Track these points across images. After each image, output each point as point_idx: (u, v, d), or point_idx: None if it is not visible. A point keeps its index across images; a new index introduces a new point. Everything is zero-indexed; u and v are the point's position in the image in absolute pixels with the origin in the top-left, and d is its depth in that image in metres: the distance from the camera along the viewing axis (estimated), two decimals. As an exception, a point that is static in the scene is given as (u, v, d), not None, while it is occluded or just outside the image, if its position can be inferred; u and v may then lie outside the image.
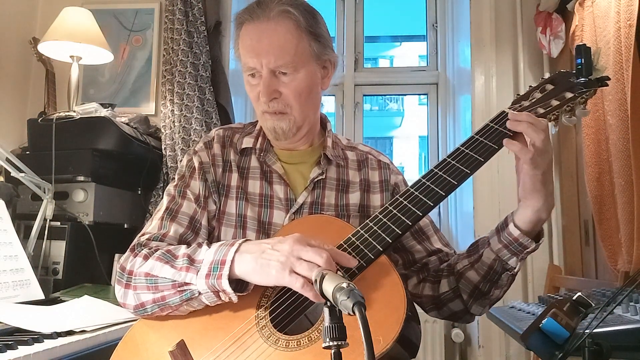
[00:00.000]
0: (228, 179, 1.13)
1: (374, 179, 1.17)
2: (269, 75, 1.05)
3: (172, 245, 1.03)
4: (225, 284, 0.88)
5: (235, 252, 0.90)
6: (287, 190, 1.11)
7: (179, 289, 0.93)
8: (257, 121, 1.20)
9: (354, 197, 1.14)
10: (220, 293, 0.90)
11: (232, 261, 0.89)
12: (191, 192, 1.10)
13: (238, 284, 0.91)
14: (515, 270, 1.03)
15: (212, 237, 1.10)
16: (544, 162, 0.92)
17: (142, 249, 1.00)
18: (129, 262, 1.00)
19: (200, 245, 0.97)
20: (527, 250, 0.99)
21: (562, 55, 2.28)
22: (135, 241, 1.05)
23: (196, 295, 0.92)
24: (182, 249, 0.96)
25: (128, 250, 1.03)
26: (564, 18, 2.25)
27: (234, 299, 0.90)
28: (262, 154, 1.15)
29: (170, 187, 1.13)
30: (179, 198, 1.10)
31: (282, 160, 1.16)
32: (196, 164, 1.13)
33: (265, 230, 1.08)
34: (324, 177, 1.13)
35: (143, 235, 1.06)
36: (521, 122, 0.94)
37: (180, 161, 1.62)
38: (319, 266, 0.82)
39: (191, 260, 0.93)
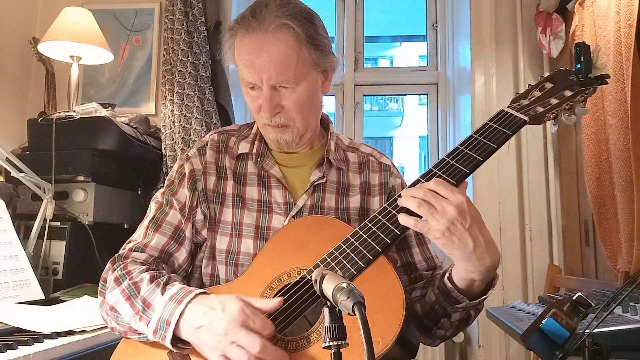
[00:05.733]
0: (223, 186, 1.11)
1: (374, 181, 1.16)
2: (269, 91, 1.02)
3: (153, 255, 1.05)
4: (169, 344, 0.90)
5: (180, 314, 0.89)
6: (286, 194, 1.09)
7: (135, 331, 0.96)
8: (254, 122, 1.18)
9: (355, 201, 1.13)
10: (172, 349, 0.91)
11: (177, 324, 0.89)
12: (177, 201, 1.09)
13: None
14: (452, 320, 0.98)
15: (207, 246, 1.09)
16: (435, 226, 0.86)
17: (120, 264, 1.02)
18: (109, 275, 1.02)
19: (158, 284, 0.95)
20: (457, 306, 0.94)
21: (562, 55, 2.28)
22: (120, 250, 1.07)
23: (150, 340, 0.94)
24: (144, 286, 0.95)
25: (109, 261, 1.05)
26: (564, 18, 2.25)
27: (183, 352, 0.92)
28: (259, 159, 1.12)
29: (158, 194, 1.13)
30: (166, 207, 1.10)
31: (280, 164, 1.13)
32: (187, 171, 1.11)
33: (263, 235, 1.07)
34: (324, 180, 1.11)
35: (129, 242, 1.08)
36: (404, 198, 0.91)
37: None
38: (252, 354, 0.82)
39: (146, 306, 0.93)
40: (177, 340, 0.90)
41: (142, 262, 1.03)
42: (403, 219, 0.90)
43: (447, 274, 0.96)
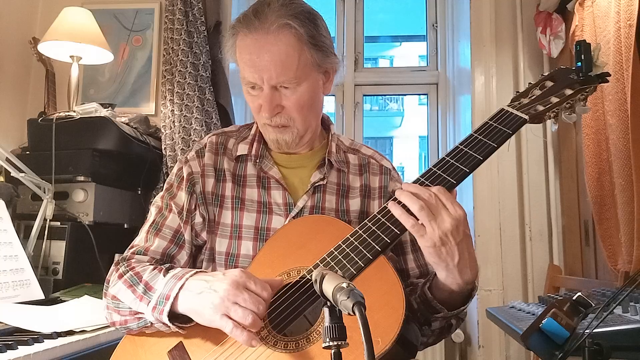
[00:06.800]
0: (222, 188, 1.11)
1: (374, 184, 1.15)
2: (270, 91, 1.02)
3: (155, 258, 1.05)
4: (166, 319, 0.91)
5: (180, 288, 0.91)
6: (286, 195, 1.09)
7: (135, 316, 0.96)
8: (253, 123, 1.18)
9: (355, 203, 1.12)
10: (169, 324, 0.92)
11: (176, 297, 0.91)
12: (175, 205, 1.09)
13: (185, 316, 0.92)
14: (433, 328, 0.99)
15: (207, 249, 1.09)
16: (430, 234, 0.86)
17: (122, 265, 1.03)
18: (112, 276, 1.03)
19: (160, 270, 0.98)
20: (437, 315, 0.96)
21: (562, 55, 2.28)
22: (124, 254, 1.08)
23: (149, 325, 0.95)
24: (147, 273, 0.98)
25: (113, 264, 1.06)
26: (564, 18, 2.25)
27: (181, 331, 0.92)
28: (258, 161, 1.12)
29: (158, 198, 1.13)
30: (165, 210, 1.10)
31: (280, 165, 1.13)
32: (185, 174, 1.11)
33: (263, 237, 1.07)
34: (324, 182, 1.11)
35: (131, 247, 1.08)
36: (403, 192, 0.90)
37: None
38: (255, 313, 0.84)
39: (147, 288, 0.95)
40: (175, 317, 0.91)
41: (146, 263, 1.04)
42: (401, 216, 0.89)
43: (427, 284, 0.97)
